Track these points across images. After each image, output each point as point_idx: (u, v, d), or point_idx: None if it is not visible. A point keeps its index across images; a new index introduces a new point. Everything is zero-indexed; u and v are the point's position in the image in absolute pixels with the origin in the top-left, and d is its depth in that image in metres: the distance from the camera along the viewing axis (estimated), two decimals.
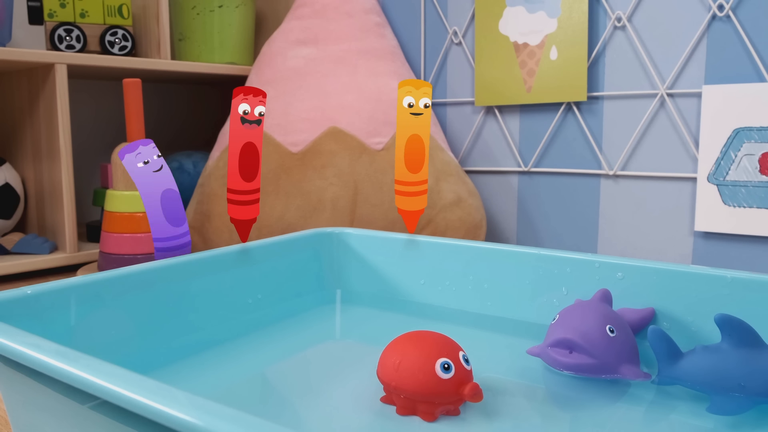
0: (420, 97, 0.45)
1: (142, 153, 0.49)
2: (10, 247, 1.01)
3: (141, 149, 0.49)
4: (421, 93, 0.45)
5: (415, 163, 0.45)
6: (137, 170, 0.48)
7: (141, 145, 0.49)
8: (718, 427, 0.39)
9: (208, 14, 1.21)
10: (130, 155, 0.49)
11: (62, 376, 0.30)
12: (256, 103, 0.46)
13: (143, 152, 0.49)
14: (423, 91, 0.45)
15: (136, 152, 0.49)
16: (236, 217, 0.50)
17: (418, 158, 0.44)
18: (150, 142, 0.49)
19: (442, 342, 0.40)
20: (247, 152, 0.46)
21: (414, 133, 0.44)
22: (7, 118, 1.13)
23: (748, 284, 0.46)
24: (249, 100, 0.46)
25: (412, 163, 0.44)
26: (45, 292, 0.44)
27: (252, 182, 0.49)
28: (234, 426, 0.23)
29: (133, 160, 0.48)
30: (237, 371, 0.48)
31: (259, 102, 0.46)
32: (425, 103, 0.45)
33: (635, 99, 0.94)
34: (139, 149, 0.49)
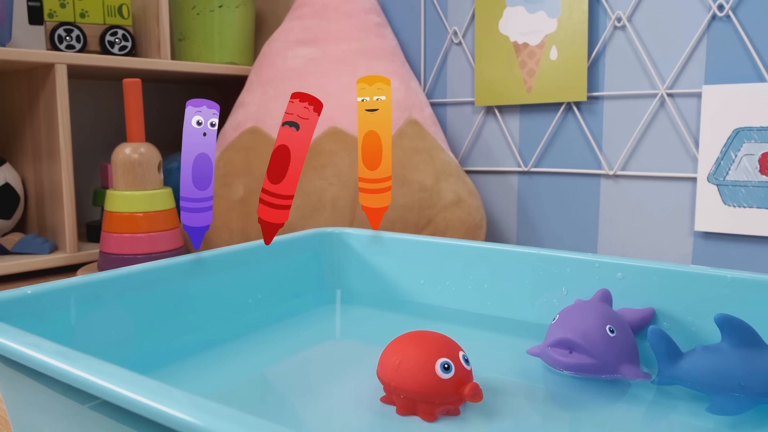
0: (374, 93, 0.45)
1: (202, 112, 0.49)
2: (10, 247, 1.01)
3: (204, 109, 0.49)
4: (375, 89, 0.45)
5: (373, 160, 0.44)
6: (188, 126, 0.49)
7: (206, 105, 0.49)
8: (718, 427, 0.39)
9: (208, 14, 1.21)
10: (191, 108, 0.49)
11: (62, 376, 0.30)
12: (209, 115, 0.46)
13: (204, 113, 0.49)
14: (377, 87, 0.45)
15: (198, 109, 0.49)
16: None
17: (376, 155, 0.44)
18: (214, 106, 0.49)
19: (442, 342, 0.40)
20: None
21: (370, 130, 0.44)
22: (7, 118, 1.13)
23: (748, 284, 0.46)
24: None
25: (370, 160, 0.44)
26: (45, 292, 0.44)
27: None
28: (234, 426, 0.23)
29: (191, 115, 0.49)
30: (237, 371, 0.48)
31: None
32: (379, 98, 0.45)
33: (635, 99, 0.94)
34: (202, 108, 0.49)
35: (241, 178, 0.98)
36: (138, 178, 0.86)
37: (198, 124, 0.49)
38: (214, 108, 0.50)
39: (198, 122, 0.49)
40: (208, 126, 0.49)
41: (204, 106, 0.49)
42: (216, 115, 0.50)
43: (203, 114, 0.49)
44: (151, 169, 0.87)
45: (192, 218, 0.51)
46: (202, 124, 0.49)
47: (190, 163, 0.50)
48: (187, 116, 0.49)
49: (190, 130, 0.49)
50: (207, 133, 0.50)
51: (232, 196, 0.98)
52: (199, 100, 0.49)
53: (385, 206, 0.46)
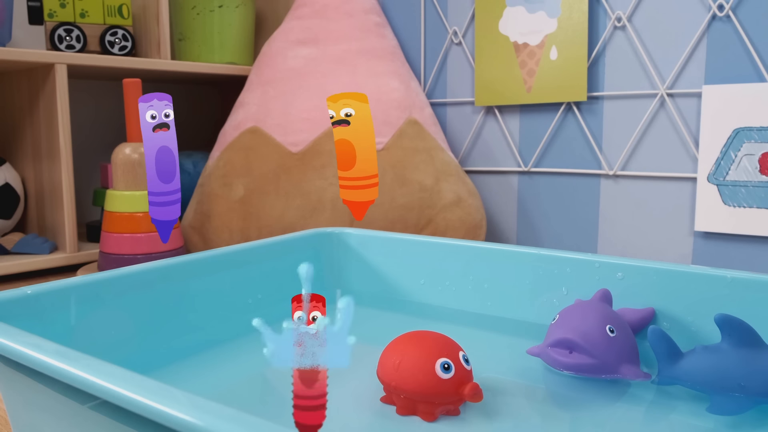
0: (340, 108, 0.47)
1: (154, 106, 0.49)
2: (10, 247, 1.01)
3: (155, 102, 0.49)
4: (341, 104, 0.47)
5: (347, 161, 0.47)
6: (145, 122, 0.49)
7: (156, 98, 0.49)
8: (718, 427, 0.39)
9: (208, 14, 1.21)
10: (144, 105, 0.49)
11: (62, 376, 0.30)
12: (341, 107, 0.47)
13: (155, 106, 0.49)
14: (343, 102, 0.47)
15: (149, 103, 0.49)
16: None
17: (350, 158, 0.47)
18: (166, 98, 0.49)
19: (442, 342, 0.40)
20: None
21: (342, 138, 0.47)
22: (7, 118, 1.13)
23: (748, 284, 0.46)
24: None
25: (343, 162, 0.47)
26: (45, 292, 0.44)
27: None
28: (234, 426, 0.23)
29: (144, 110, 0.49)
30: (237, 371, 0.48)
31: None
32: (347, 112, 0.47)
33: (635, 99, 0.94)
34: (153, 102, 0.49)
35: (241, 178, 0.98)
36: (138, 178, 0.86)
37: (152, 118, 0.49)
38: (165, 99, 0.49)
39: (152, 116, 0.49)
40: (162, 117, 0.49)
41: (155, 99, 0.49)
42: (168, 105, 0.49)
43: (155, 107, 0.49)
44: None
45: (160, 212, 0.51)
46: (156, 117, 0.49)
47: (153, 157, 0.50)
48: (141, 112, 0.49)
49: (146, 125, 0.49)
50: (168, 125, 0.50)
51: (232, 196, 0.98)
52: (150, 95, 0.50)
53: (372, 200, 0.47)
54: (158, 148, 0.49)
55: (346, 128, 0.47)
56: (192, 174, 1.19)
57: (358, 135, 0.47)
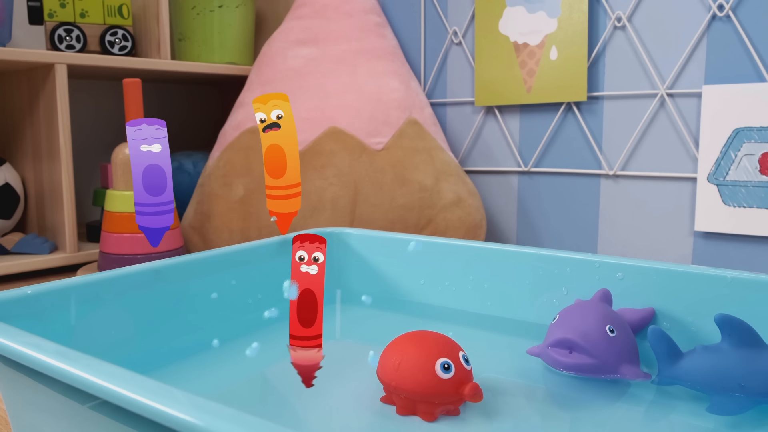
0: (270, 110, 0.46)
1: (142, 130, 0.49)
2: (10, 247, 1.01)
3: (144, 127, 0.49)
4: (271, 106, 0.46)
5: (277, 169, 0.46)
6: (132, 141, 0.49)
7: (146, 124, 0.49)
8: (718, 427, 0.39)
9: (208, 14, 1.21)
10: (131, 129, 0.49)
11: (62, 376, 0.30)
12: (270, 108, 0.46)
13: (144, 131, 0.49)
14: (273, 103, 0.46)
15: (137, 128, 0.49)
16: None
17: (280, 165, 0.46)
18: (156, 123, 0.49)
19: (442, 342, 0.40)
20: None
21: (273, 144, 0.45)
22: (7, 118, 1.13)
23: (748, 284, 0.46)
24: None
25: (273, 170, 0.46)
26: (45, 292, 0.44)
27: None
28: (234, 426, 0.23)
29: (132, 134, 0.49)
30: (237, 371, 0.48)
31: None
32: (278, 114, 0.46)
33: (635, 99, 0.94)
34: (142, 126, 0.49)
35: (241, 178, 0.98)
36: None
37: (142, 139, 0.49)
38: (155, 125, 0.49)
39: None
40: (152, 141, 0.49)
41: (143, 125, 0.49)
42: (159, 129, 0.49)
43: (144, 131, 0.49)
44: None
45: (147, 220, 0.50)
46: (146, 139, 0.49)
47: (140, 173, 0.49)
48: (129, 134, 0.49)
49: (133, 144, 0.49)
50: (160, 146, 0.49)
51: (232, 196, 0.98)
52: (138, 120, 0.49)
53: (294, 211, 0.47)
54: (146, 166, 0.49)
55: (276, 133, 0.46)
56: (192, 174, 1.19)
57: (287, 140, 0.46)
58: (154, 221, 0.50)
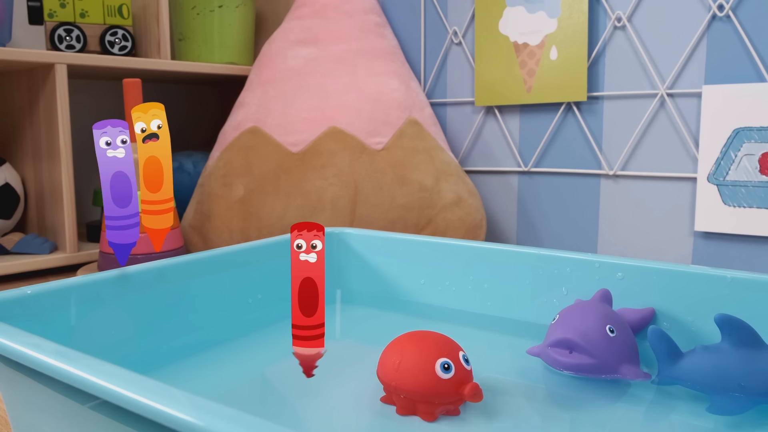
0: (150, 119, 0.45)
1: (107, 132, 0.48)
2: (10, 247, 1.01)
3: (108, 129, 0.48)
4: (151, 115, 0.45)
5: (154, 183, 0.45)
6: (99, 148, 0.48)
7: (110, 125, 0.48)
8: (718, 427, 0.39)
9: (208, 14, 1.21)
10: (97, 131, 0.48)
11: (62, 376, 0.30)
12: (150, 117, 0.46)
13: (109, 132, 0.48)
14: (153, 113, 0.45)
15: (103, 130, 0.48)
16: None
17: (158, 178, 0.45)
18: (120, 124, 0.48)
19: (442, 342, 0.40)
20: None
21: (151, 156, 0.45)
22: (7, 118, 1.13)
23: (748, 284, 0.46)
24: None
25: (151, 183, 0.45)
26: (45, 292, 0.44)
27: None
28: (234, 426, 0.23)
29: (98, 137, 0.48)
30: (237, 371, 0.48)
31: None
32: (158, 124, 0.45)
33: (635, 99, 0.94)
34: (106, 128, 0.48)
35: (241, 178, 0.98)
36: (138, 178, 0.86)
37: (107, 144, 0.49)
38: (119, 126, 0.49)
39: (107, 143, 0.49)
40: (118, 143, 0.49)
41: (108, 126, 0.49)
42: (123, 132, 0.49)
43: (109, 134, 0.49)
44: None
45: (117, 235, 0.49)
46: (111, 143, 0.49)
47: (108, 183, 0.48)
48: (96, 139, 0.49)
49: (100, 151, 0.48)
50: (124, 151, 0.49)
51: (232, 196, 0.98)
52: (103, 122, 0.49)
53: (168, 227, 0.46)
54: (113, 174, 0.48)
55: (155, 144, 0.45)
56: (192, 174, 1.19)
57: (164, 152, 0.45)
58: (122, 236, 0.49)
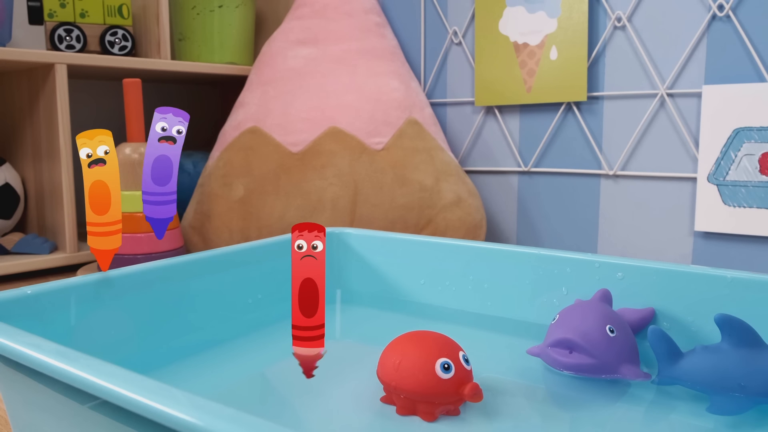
0: (96, 145, 0.46)
1: (167, 119, 0.49)
2: (10, 247, 1.01)
3: (169, 116, 0.49)
4: (97, 142, 0.46)
5: (101, 206, 0.46)
6: (153, 130, 0.49)
7: (172, 112, 0.49)
8: (718, 427, 0.39)
9: (208, 14, 1.21)
10: (158, 115, 0.49)
11: (62, 376, 0.30)
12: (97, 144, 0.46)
13: (168, 120, 0.49)
14: (99, 139, 0.46)
15: (163, 115, 0.49)
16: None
17: (104, 201, 0.46)
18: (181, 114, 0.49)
19: (442, 342, 0.40)
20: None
21: (97, 180, 0.45)
22: (7, 118, 1.13)
23: (748, 284, 0.46)
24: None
25: (97, 206, 0.46)
26: (45, 292, 0.44)
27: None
28: (234, 426, 0.23)
29: (156, 120, 0.49)
30: (237, 371, 0.48)
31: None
32: (105, 150, 0.46)
33: (635, 99, 0.94)
34: (167, 115, 0.49)
35: (241, 178, 0.98)
36: (138, 178, 0.86)
37: (162, 130, 0.50)
38: (180, 116, 0.50)
39: (162, 128, 0.49)
40: (173, 132, 0.50)
41: (170, 114, 0.50)
42: (182, 123, 0.50)
43: (168, 121, 0.50)
44: None
45: (154, 210, 0.51)
46: (167, 130, 0.50)
47: (150, 164, 0.50)
48: (153, 122, 0.50)
49: (154, 134, 0.49)
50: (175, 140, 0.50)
51: (232, 196, 0.98)
52: (166, 108, 0.50)
53: (115, 248, 0.47)
54: (157, 156, 0.49)
55: (102, 169, 0.46)
56: (192, 174, 1.19)
57: (111, 176, 0.46)
58: (159, 211, 0.51)
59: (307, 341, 0.39)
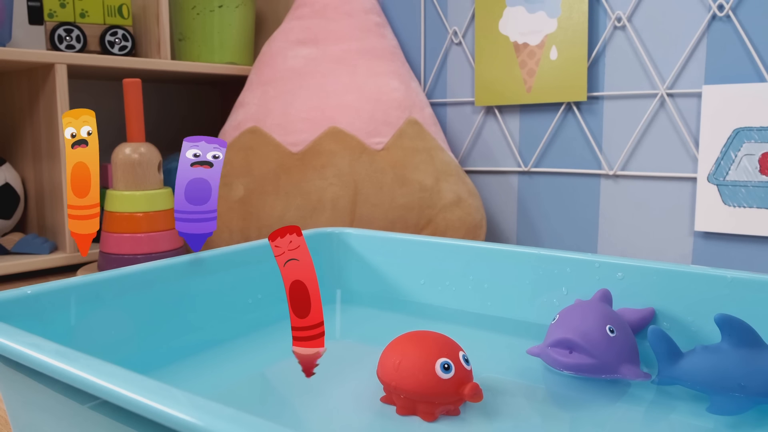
0: (81, 125, 0.46)
1: (199, 147, 0.50)
2: (10, 247, 1.01)
3: (202, 144, 0.50)
4: (82, 122, 0.46)
5: (82, 188, 0.46)
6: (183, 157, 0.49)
7: (205, 141, 0.50)
8: (718, 427, 0.39)
9: (208, 14, 1.21)
10: (187, 144, 0.50)
11: (62, 376, 0.30)
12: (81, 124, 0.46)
13: (201, 147, 0.50)
14: (83, 119, 0.46)
15: (194, 143, 0.50)
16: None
17: (85, 184, 0.45)
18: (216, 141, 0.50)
19: (442, 342, 0.40)
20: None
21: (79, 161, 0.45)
22: (7, 118, 1.13)
23: (748, 284, 0.46)
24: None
25: (78, 189, 0.46)
26: (45, 292, 0.44)
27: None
28: (234, 426, 0.23)
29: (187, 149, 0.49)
30: (237, 371, 0.48)
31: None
32: (87, 130, 0.46)
33: (635, 99, 0.94)
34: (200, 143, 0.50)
35: (241, 178, 0.98)
36: (138, 178, 0.86)
37: (195, 156, 0.50)
38: (215, 143, 0.50)
39: (195, 155, 0.50)
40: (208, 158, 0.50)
41: (202, 142, 0.50)
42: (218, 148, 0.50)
43: (201, 148, 0.50)
44: (151, 169, 0.87)
45: (188, 226, 0.51)
46: (200, 156, 0.50)
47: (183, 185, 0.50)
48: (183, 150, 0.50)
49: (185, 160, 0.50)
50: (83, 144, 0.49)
51: (232, 196, 0.98)
52: (197, 138, 0.50)
53: (94, 232, 0.46)
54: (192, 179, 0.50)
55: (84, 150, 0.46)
56: None
57: (92, 158, 0.46)
58: (195, 227, 0.51)
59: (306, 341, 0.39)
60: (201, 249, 0.52)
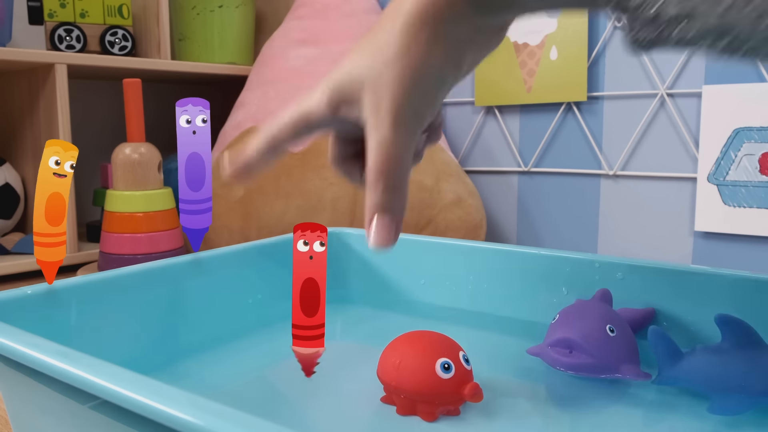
0: (66, 159, 0.46)
1: (188, 111, 0.49)
2: (10, 247, 1.01)
3: (189, 107, 0.49)
4: (68, 156, 0.46)
5: (56, 217, 0.46)
6: (179, 127, 0.49)
7: (191, 104, 0.49)
8: (718, 427, 0.39)
9: (208, 14, 1.21)
10: (179, 109, 0.49)
11: (62, 376, 0.30)
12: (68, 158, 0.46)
13: (189, 111, 0.49)
14: (70, 154, 0.46)
15: (183, 108, 0.49)
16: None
17: (60, 213, 0.46)
18: (201, 103, 0.49)
19: (442, 342, 0.40)
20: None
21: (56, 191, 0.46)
22: (7, 118, 1.13)
23: (748, 284, 0.46)
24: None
25: (52, 217, 0.46)
26: (45, 292, 0.44)
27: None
28: (234, 426, 0.23)
29: (179, 115, 0.49)
30: (237, 371, 0.48)
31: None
32: (71, 164, 0.46)
33: (635, 99, 0.94)
34: (187, 106, 0.49)
35: None
36: (138, 178, 0.86)
37: (187, 123, 0.50)
38: (200, 105, 0.50)
39: (187, 121, 0.49)
40: (197, 123, 0.50)
41: (189, 105, 0.49)
42: (203, 111, 0.50)
43: (189, 112, 0.50)
44: (151, 169, 0.87)
45: (190, 220, 0.51)
46: (191, 122, 0.50)
47: (183, 163, 0.50)
48: (177, 117, 0.50)
49: (181, 130, 0.50)
50: (197, 131, 0.50)
51: (232, 196, 0.97)
52: (186, 99, 0.50)
53: (60, 260, 0.47)
54: (188, 155, 0.49)
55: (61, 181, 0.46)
56: None
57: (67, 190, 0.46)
58: (196, 221, 0.51)
59: (307, 340, 0.39)
60: (199, 248, 0.52)
